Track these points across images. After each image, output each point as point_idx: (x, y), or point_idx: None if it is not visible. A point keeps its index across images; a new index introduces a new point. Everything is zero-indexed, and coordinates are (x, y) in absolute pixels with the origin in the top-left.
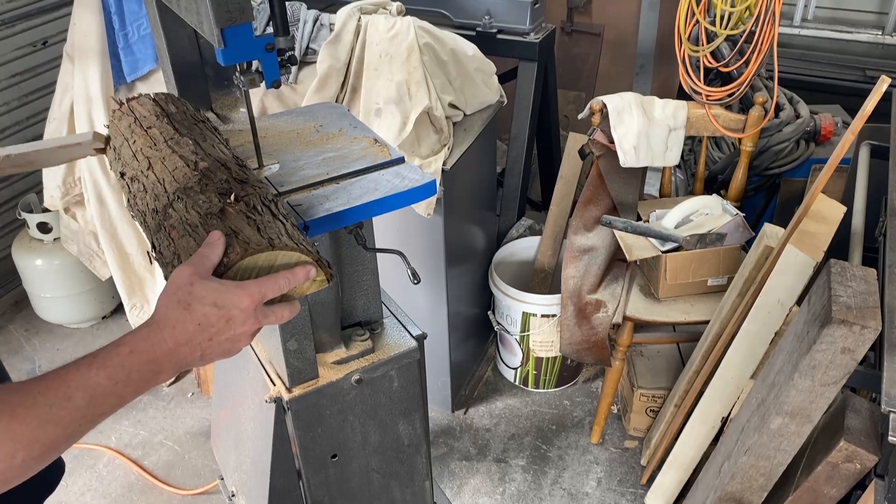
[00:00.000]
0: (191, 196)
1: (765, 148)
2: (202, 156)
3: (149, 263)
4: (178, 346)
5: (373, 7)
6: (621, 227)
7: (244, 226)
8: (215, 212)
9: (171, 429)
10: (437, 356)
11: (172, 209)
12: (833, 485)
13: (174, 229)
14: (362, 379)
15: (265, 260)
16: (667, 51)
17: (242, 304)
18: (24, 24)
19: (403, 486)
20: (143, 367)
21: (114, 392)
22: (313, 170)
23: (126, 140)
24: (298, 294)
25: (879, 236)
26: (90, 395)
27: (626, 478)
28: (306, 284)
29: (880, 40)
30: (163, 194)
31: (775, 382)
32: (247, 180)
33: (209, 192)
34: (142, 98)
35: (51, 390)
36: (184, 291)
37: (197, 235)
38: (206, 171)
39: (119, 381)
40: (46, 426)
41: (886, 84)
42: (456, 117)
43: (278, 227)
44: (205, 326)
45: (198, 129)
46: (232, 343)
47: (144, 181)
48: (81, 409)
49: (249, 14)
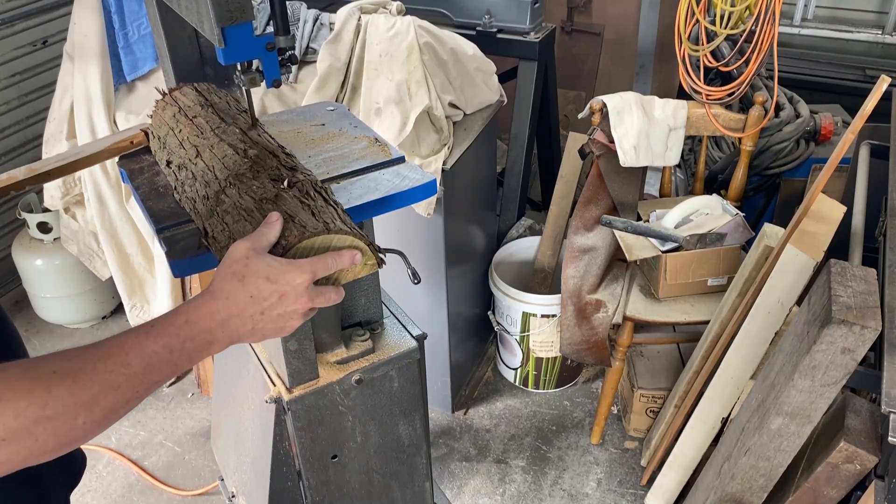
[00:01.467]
0: (243, 182)
1: (765, 148)
2: (249, 144)
3: (149, 263)
4: (230, 318)
5: (373, 6)
6: (621, 227)
7: (299, 210)
8: (270, 197)
9: (171, 429)
10: (437, 356)
11: (225, 195)
12: (833, 485)
13: (228, 214)
14: (362, 379)
15: (321, 243)
16: (667, 50)
17: (295, 280)
18: (24, 23)
19: (403, 486)
20: (196, 336)
21: (169, 360)
22: (314, 169)
23: (171, 129)
24: (350, 278)
25: (879, 236)
26: (147, 362)
27: (626, 478)
28: (357, 268)
29: (880, 40)
30: (213, 181)
31: (775, 383)
32: (296, 167)
33: (262, 179)
34: (184, 88)
35: (110, 357)
36: (240, 264)
37: (253, 220)
38: (256, 159)
39: (174, 349)
40: (106, 391)
41: (886, 83)
42: (456, 117)
43: (331, 212)
44: (257, 300)
45: (242, 119)
46: (284, 320)
47: (193, 169)
48: (139, 376)
49: (250, 13)
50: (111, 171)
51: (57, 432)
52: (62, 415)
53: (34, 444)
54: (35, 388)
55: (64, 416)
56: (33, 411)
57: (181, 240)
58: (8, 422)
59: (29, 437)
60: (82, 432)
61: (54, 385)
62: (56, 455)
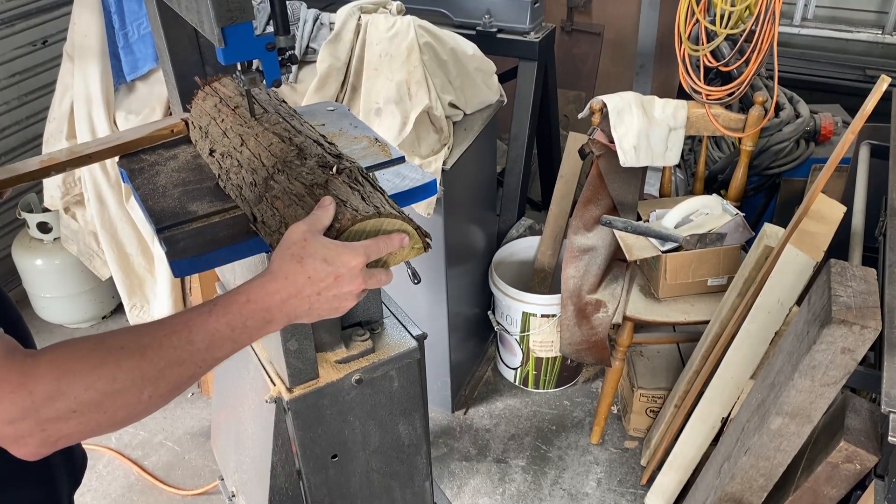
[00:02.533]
0: (292, 169)
1: (765, 147)
2: (293, 132)
3: (149, 263)
4: (289, 298)
5: (373, 6)
6: (621, 227)
7: (350, 195)
8: (321, 182)
9: (171, 429)
10: (437, 356)
11: (273, 181)
12: (833, 485)
13: (278, 199)
14: (362, 379)
15: (372, 226)
16: (667, 50)
17: (350, 263)
18: (23, 23)
19: (403, 486)
20: (257, 315)
21: (230, 338)
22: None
23: (213, 119)
24: (398, 261)
25: (879, 236)
26: (210, 339)
27: (626, 478)
28: (405, 251)
29: (880, 39)
30: (261, 168)
31: (775, 383)
32: (341, 155)
33: (310, 165)
34: (223, 79)
35: (175, 334)
36: (298, 246)
37: (304, 204)
38: (302, 146)
39: (236, 327)
40: (172, 367)
41: (886, 83)
42: (456, 117)
43: (380, 197)
44: (314, 280)
45: (284, 108)
46: (339, 301)
47: (238, 157)
48: (202, 353)
49: (250, 13)
50: (111, 171)
51: (125, 405)
52: (130, 388)
53: (102, 416)
54: (105, 363)
55: (132, 389)
56: (103, 385)
57: (181, 240)
58: (79, 394)
59: (98, 410)
60: (148, 406)
61: (123, 360)
62: (121, 427)
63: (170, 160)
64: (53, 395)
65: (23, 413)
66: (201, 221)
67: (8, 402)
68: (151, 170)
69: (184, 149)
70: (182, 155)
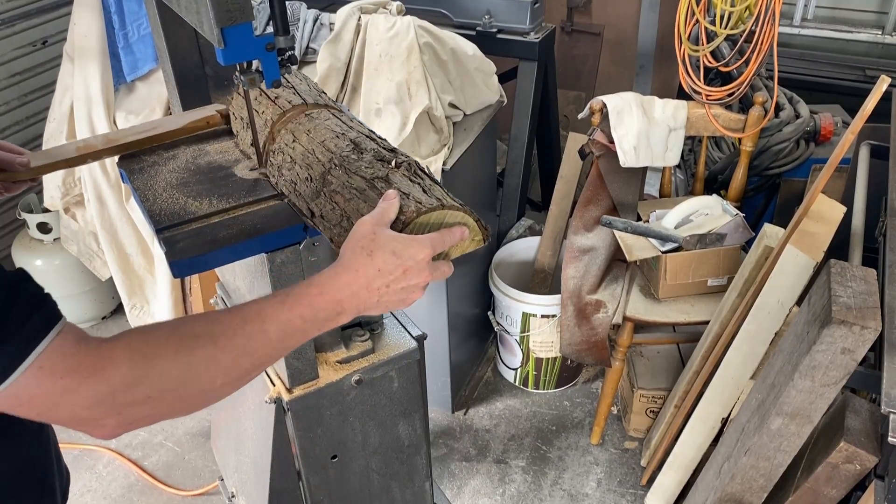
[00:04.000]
0: (350, 163)
1: (765, 148)
2: (346, 127)
3: (149, 264)
4: (359, 290)
5: (373, 6)
6: (621, 228)
7: (412, 188)
8: (382, 176)
9: (171, 429)
10: (437, 356)
11: (331, 176)
12: (833, 486)
13: (337, 194)
14: (362, 379)
15: (436, 218)
16: (667, 51)
17: (418, 255)
18: (24, 23)
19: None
20: (328, 307)
21: (301, 329)
22: None
23: (257, 113)
24: (458, 253)
25: (879, 236)
26: (282, 330)
27: (626, 479)
28: (465, 243)
29: (880, 40)
30: (316, 163)
31: (775, 383)
32: (395, 149)
33: (367, 159)
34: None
35: (248, 323)
36: (367, 240)
37: (366, 198)
38: (356, 140)
39: (307, 319)
40: (244, 356)
41: (886, 84)
42: (456, 117)
43: (440, 190)
44: (384, 273)
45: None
46: (407, 293)
47: (290, 153)
48: (273, 343)
49: (249, 13)
50: (111, 171)
51: (198, 392)
52: (203, 375)
53: (176, 401)
54: (180, 350)
55: (205, 376)
56: (178, 372)
57: (181, 240)
58: (154, 381)
59: (172, 396)
60: (220, 393)
61: (198, 347)
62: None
63: (169, 160)
64: (129, 381)
65: (100, 398)
66: (201, 222)
67: (85, 387)
68: (151, 170)
69: (183, 149)
70: (182, 155)
